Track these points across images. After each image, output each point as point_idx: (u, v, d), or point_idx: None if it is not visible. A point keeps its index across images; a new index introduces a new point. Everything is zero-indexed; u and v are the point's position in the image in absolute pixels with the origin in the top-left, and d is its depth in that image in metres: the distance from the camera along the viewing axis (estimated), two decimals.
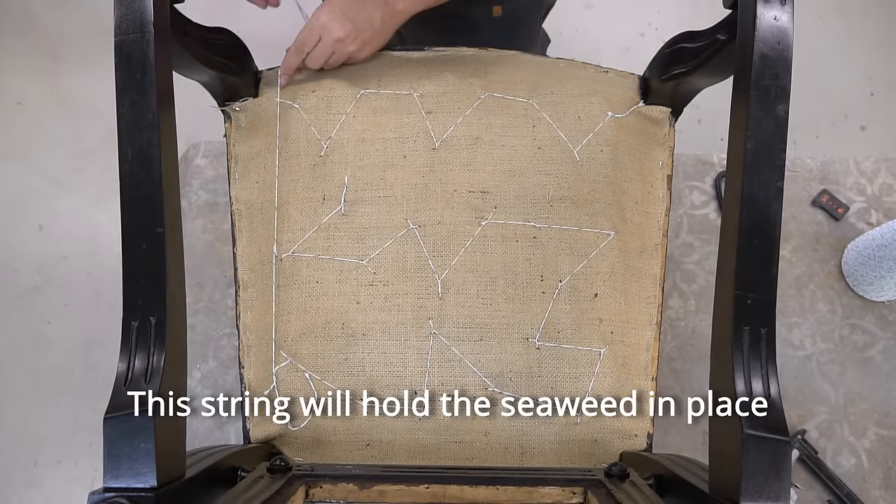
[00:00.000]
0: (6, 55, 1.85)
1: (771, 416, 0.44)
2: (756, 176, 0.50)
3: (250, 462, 0.55)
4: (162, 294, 0.49)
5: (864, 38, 1.92)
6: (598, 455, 0.66)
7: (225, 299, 0.91)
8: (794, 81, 0.52)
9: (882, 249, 0.83)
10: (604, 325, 0.66)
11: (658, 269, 0.69)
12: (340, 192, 0.69)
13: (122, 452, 0.43)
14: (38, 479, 1.47)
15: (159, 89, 0.53)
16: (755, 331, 0.47)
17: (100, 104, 1.78)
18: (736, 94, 0.54)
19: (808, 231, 0.94)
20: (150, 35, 0.53)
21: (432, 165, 0.70)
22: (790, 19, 0.52)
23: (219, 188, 0.96)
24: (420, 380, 0.65)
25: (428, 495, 0.49)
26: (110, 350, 1.17)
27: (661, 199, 0.71)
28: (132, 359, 0.47)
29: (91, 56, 1.85)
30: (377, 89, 0.73)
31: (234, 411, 0.86)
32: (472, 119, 0.72)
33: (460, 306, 0.66)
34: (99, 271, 1.64)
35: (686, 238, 0.94)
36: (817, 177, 0.97)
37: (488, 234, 0.68)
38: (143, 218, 0.50)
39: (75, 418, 1.51)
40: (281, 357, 0.67)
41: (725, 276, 0.50)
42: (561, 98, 0.73)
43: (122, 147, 0.51)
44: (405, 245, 0.68)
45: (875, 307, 0.91)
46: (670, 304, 0.91)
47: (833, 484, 0.81)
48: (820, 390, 0.87)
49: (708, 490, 0.46)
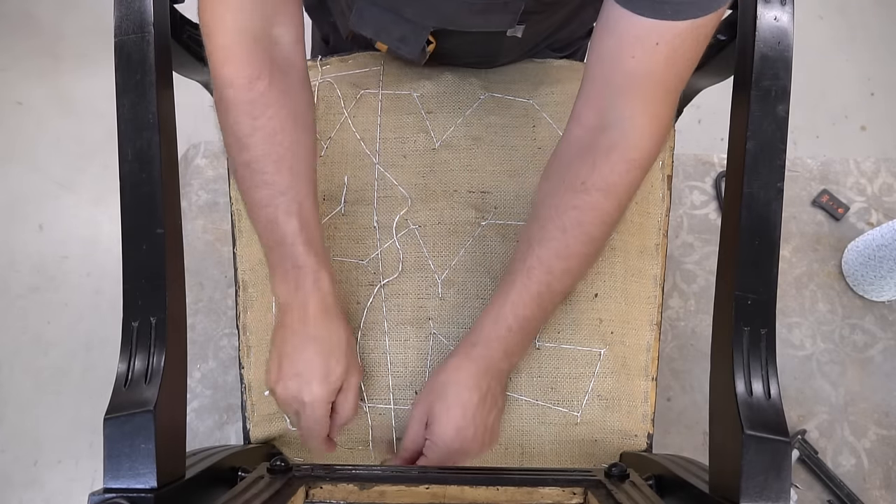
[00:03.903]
0: (7, 55, 1.85)
1: (771, 416, 0.44)
2: (756, 176, 0.50)
3: (250, 462, 0.55)
4: (162, 294, 0.48)
5: (864, 38, 1.92)
6: (598, 455, 0.66)
7: (225, 299, 0.91)
8: (794, 81, 0.52)
9: (882, 249, 0.83)
10: (604, 325, 0.66)
11: (658, 269, 0.69)
12: (340, 192, 0.69)
13: (122, 453, 0.43)
14: (38, 479, 1.47)
15: (159, 89, 0.53)
16: (755, 331, 0.47)
17: (100, 104, 1.78)
18: (736, 94, 0.54)
19: (808, 231, 0.94)
20: (150, 35, 0.53)
21: (432, 165, 0.70)
22: (790, 19, 0.52)
23: (219, 188, 0.96)
24: (420, 380, 0.65)
25: (428, 495, 0.49)
26: (110, 350, 1.17)
27: (661, 200, 0.71)
28: (132, 359, 0.47)
29: (91, 56, 1.85)
30: (377, 89, 0.74)
31: (234, 411, 0.86)
32: (472, 119, 0.72)
33: (460, 306, 0.66)
34: (99, 271, 1.64)
35: (686, 238, 0.94)
36: (817, 177, 0.97)
37: (488, 234, 0.68)
38: (143, 218, 0.50)
39: (75, 418, 1.51)
40: None
41: (725, 276, 0.50)
42: (561, 98, 0.73)
43: (122, 147, 0.51)
44: (405, 245, 0.68)
45: (875, 307, 0.91)
46: (670, 304, 0.91)
47: (833, 484, 0.81)
48: (820, 390, 0.87)
49: (708, 490, 0.46)
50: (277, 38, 0.55)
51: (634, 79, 0.51)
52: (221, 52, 0.53)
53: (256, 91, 0.53)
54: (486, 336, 0.58)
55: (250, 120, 0.54)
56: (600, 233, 0.56)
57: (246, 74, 0.53)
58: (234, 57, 0.53)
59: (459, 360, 0.59)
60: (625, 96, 0.53)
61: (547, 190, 0.58)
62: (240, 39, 0.53)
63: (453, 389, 0.58)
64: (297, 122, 0.56)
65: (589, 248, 0.56)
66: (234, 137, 0.55)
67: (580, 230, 0.55)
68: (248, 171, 0.55)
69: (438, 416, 0.58)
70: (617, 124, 0.53)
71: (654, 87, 0.52)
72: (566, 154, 0.57)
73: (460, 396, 0.57)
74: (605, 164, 0.54)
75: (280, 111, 0.55)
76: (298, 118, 0.57)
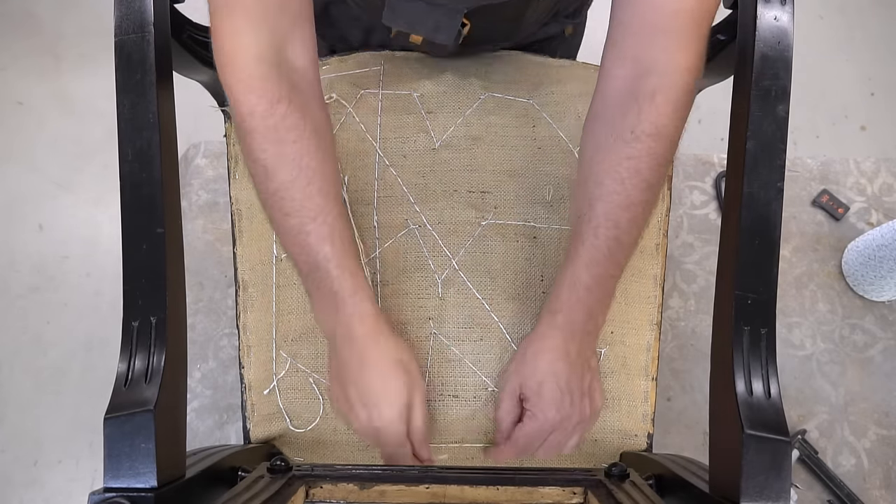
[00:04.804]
0: (7, 55, 1.85)
1: (771, 416, 0.44)
2: (756, 176, 0.50)
3: (250, 462, 0.55)
4: (162, 294, 0.48)
5: (864, 38, 1.92)
6: (598, 455, 0.66)
7: (225, 299, 0.91)
8: (794, 81, 0.52)
9: (882, 249, 0.83)
10: (604, 324, 0.66)
11: (658, 269, 0.69)
12: (340, 192, 0.69)
13: (122, 452, 0.43)
14: (38, 479, 1.47)
15: (159, 89, 0.53)
16: (755, 331, 0.47)
17: (100, 104, 1.78)
18: (736, 94, 0.54)
19: (808, 231, 0.94)
20: (150, 35, 0.53)
21: (432, 165, 0.70)
22: (790, 19, 0.52)
23: (219, 188, 0.96)
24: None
25: (428, 495, 0.49)
26: (110, 350, 1.17)
27: (661, 200, 0.71)
28: (132, 359, 0.47)
29: (91, 55, 1.85)
30: (377, 89, 0.74)
31: (234, 411, 0.86)
32: (472, 119, 0.72)
33: (460, 306, 0.66)
34: (99, 271, 1.64)
35: (686, 238, 0.94)
36: (817, 177, 0.97)
37: (488, 234, 0.68)
38: (143, 218, 0.50)
39: (75, 418, 1.51)
40: (281, 357, 0.67)
41: (725, 276, 0.50)
42: (561, 98, 0.73)
43: (122, 147, 0.51)
44: (405, 245, 0.68)
45: (875, 307, 0.91)
46: (670, 304, 0.91)
47: (833, 484, 0.81)
48: (820, 390, 0.87)
49: (708, 490, 0.46)
50: (293, 61, 0.55)
51: (669, 16, 0.52)
52: (241, 83, 0.53)
53: (278, 115, 0.53)
54: (565, 302, 0.58)
55: (275, 146, 0.54)
56: (657, 177, 0.56)
57: (266, 101, 0.53)
58: (255, 86, 0.53)
59: (544, 329, 0.58)
60: (660, 39, 0.53)
61: (594, 147, 0.58)
62: (258, 67, 0.52)
63: (544, 360, 0.57)
64: (321, 141, 0.56)
65: (648, 195, 0.56)
66: (260, 166, 0.55)
67: (638, 178, 0.55)
68: (277, 199, 0.55)
69: (534, 389, 0.57)
70: (656, 68, 0.54)
71: (688, 22, 0.53)
72: (607, 107, 0.57)
73: (552, 366, 0.57)
74: (651, 109, 0.54)
75: (303, 133, 0.54)
76: (321, 138, 0.56)
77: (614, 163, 0.56)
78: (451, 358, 0.65)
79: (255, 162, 0.55)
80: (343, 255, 0.56)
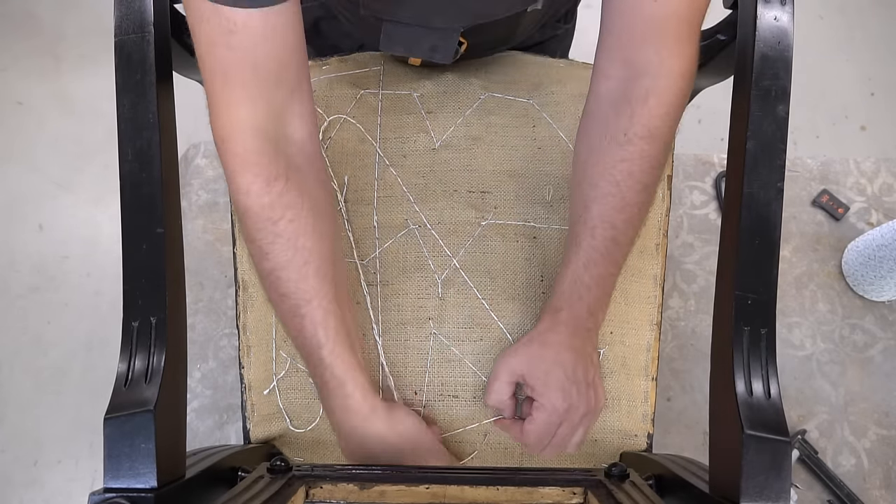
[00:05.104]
0: (7, 55, 1.85)
1: (771, 416, 0.44)
2: (756, 176, 0.50)
3: (250, 462, 0.55)
4: (162, 294, 0.48)
5: (864, 38, 1.92)
6: (598, 455, 0.66)
7: (225, 299, 0.91)
8: (794, 81, 0.52)
9: (882, 249, 0.83)
10: (603, 324, 0.66)
11: (658, 269, 0.69)
12: (340, 192, 0.69)
13: (122, 453, 0.43)
14: (38, 479, 1.47)
15: (159, 89, 0.53)
16: (755, 331, 0.47)
17: (100, 104, 1.78)
18: (736, 94, 0.54)
19: (808, 231, 0.94)
20: (150, 35, 0.53)
21: (432, 165, 0.70)
22: (790, 19, 0.52)
23: (219, 188, 0.96)
24: (420, 380, 0.65)
25: (428, 495, 0.49)
26: (110, 350, 1.17)
27: (660, 200, 0.71)
28: (132, 359, 0.47)
29: (91, 56, 1.85)
30: (377, 89, 0.74)
31: (234, 411, 0.86)
32: (472, 119, 0.72)
33: (460, 306, 0.66)
34: (99, 271, 1.64)
35: (686, 238, 0.94)
36: (817, 177, 0.97)
37: (488, 234, 0.68)
38: (143, 218, 0.50)
39: (75, 418, 1.51)
40: (281, 357, 0.67)
41: (725, 276, 0.50)
42: (561, 98, 0.73)
43: (122, 147, 0.51)
44: (405, 245, 0.68)
45: (875, 307, 0.91)
46: (670, 304, 0.91)
47: (833, 484, 0.81)
48: (820, 390, 0.87)
49: (708, 490, 0.46)
50: (291, 134, 0.54)
51: (659, 22, 0.52)
52: (238, 157, 0.51)
53: (274, 193, 0.52)
54: (567, 299, 0.58)
55: (270, 225, 0.53)
56: (652, 179, 0.56)
57: (262, 179, 0.52)
58: (251, 161, 0.51)
59: (548, 324, 0.59)
60: (651, 41, 0.53)
61: (588, 149, 0.58)
62: (254, 142, 0.51)
63: (550, 351, 0.58)
64: (318, 220, 0.55)
65: (643, 196, 0.57)
66: (255, 246, 0.54)
67: (633, 180, 0.55)
68: (273, 279, 0.55)
69: (541, 378, 0.57)
70: (648, 70, 0.54)
71: (679, 26, 0.53)
72: (600, 110, 0.57)
73: (559, 356, 0.57)
74: (643, 112, 0.54)
75: (300, 212, 0.53)
76: (319, 216, 0.55)
77: (608, 165, 0.56)
78: (451, 358, 0.65)
79: (251, 242, 0.54)
80: (336, 342, 0.56)
